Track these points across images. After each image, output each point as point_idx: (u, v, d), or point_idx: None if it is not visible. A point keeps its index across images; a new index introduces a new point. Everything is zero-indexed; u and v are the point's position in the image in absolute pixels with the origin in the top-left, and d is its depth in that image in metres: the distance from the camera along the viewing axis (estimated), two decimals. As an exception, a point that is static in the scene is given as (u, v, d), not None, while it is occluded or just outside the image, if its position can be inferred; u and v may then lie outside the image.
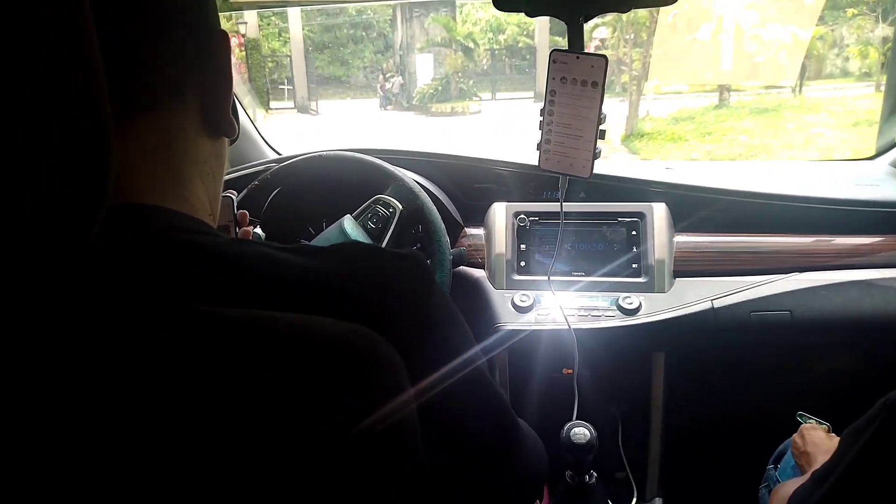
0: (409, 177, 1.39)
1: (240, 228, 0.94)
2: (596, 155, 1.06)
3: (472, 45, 16.60)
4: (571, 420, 1.26)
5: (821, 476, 0.78)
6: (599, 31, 11.73)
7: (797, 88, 12.17)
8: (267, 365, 0.36)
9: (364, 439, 0.37)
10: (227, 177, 1.55)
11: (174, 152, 0.51)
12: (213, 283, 0.42)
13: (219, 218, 0.60)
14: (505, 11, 1.07)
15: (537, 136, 1.08)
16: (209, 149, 0.55)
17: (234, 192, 0.97)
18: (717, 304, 1.37)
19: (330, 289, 0.44)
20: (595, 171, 1.06)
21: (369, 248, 0.51)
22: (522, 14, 1.06)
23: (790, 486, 0.91)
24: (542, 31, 15.39)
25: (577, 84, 1.04)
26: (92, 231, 0.34)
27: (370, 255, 0.49)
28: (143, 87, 0.47)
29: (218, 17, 0.57)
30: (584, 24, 1.05)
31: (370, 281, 0.46)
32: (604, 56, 1.01)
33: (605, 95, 1.04)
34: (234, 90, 0.57)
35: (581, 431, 1.21)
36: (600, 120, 1.04)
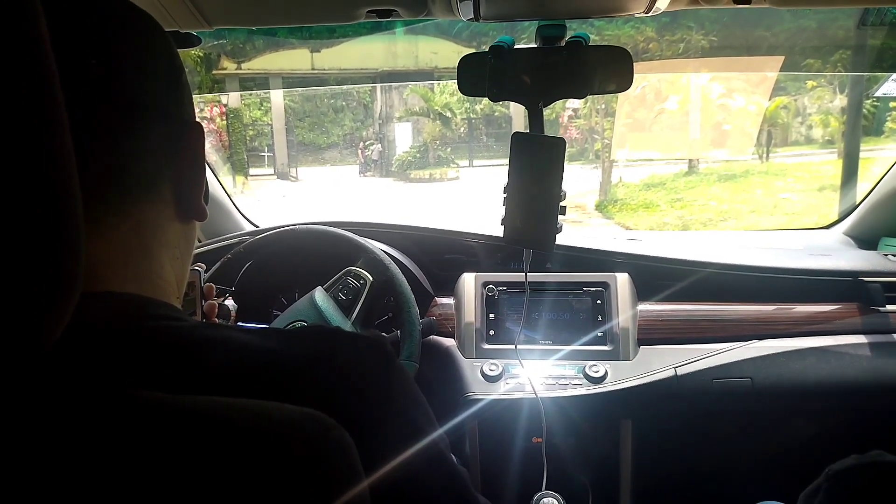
0: (380, 248, 1.43)
1: (206, 301, 0.96)
2: (557, 230, 1.10)
3: (449, 114, 17.01)
4: (541, 490, 1.27)
5: None
6: (572, 102, 12.12)
7: (764, 155, 12.58)
8: (217, 453, 0.37)
9: None
10: (201, 249, 1.58)
11: (146, 239, 0.52)
12: (176, 370, 0.43)
13: (185, 291, 0.61)
14: (469, 96, 1.13)
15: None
16: (179, 233, 0.57)
17: (203, 266, 0.99)
18: (681, 371, 1.40)
19: (288, 372, 0.46)
20: (561, 242, 1.11)
21: (329, 330, 0.52)
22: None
23: None
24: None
25: (537, 164, 1.09)
26: (63, 322, 0.35)
27: (329, 337, 0.51)
28: (116, 179, 0.49)
29: (193, 108, 0.59)
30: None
31: (328, 363, 0.48)
32: (562, 139, 1.07)
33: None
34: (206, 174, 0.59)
35: (549, 502, 1.22)
36: (560, 197, 1.10)
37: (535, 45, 1.12)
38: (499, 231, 1.13)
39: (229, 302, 1.34)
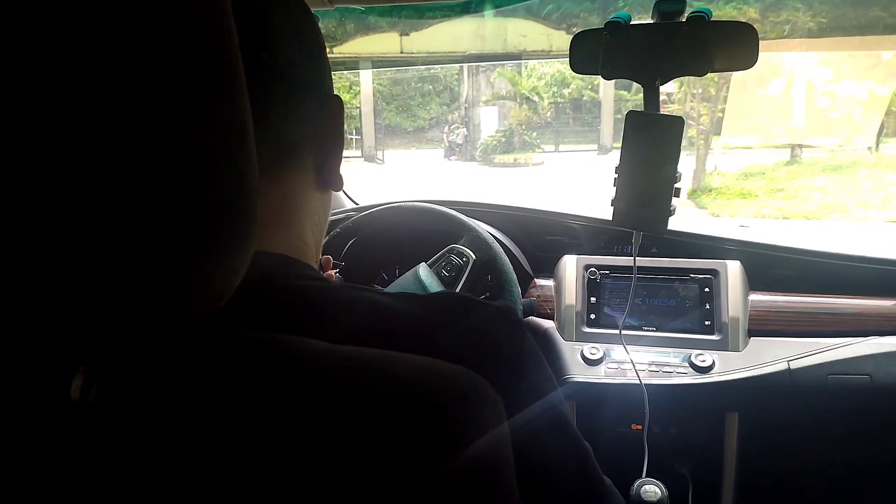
0: (483, 228, 1.43)
1: (323, 272, 0.99)
2: (671, 213, 1.07)
3: (536, 98, 16.82)
4: (641, 477, 1.24)
5: None
6: (666, 86, 11.72)
7: (874, 146, 11.77)
8: (379, 401, 0.38)
9: (471, 479, 0.38)
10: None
11: (292, 206, 0.55)
12: (326, 325, 0.45)
13: None
14: (581, 74, 1.11)
15: (605, 189, 1.10)
16: (319, 201, 0.59)
17: None
18: (794, 365, 1.34)
19: (431, 334, 0.47)
20: (668, 226, 1.07)
21: (466, 298, 0.53)
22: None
23: None
24: (608, 85, 15.49)
25: (652, 143, 1.06)
26: (239, 278, 0.37)
27: (468, 305, 0.52)
28: (266, 146, 0.51)
29: (332, 81, 0.61)
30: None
31: (463, 324, 0.49)
32: (680, 117, 1.04)
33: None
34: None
35: (652, 489, 1.19)
36: (675, 178, 1.06)
37: (651, 21, 1.08)
38: (601, 214, 1.11)
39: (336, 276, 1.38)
